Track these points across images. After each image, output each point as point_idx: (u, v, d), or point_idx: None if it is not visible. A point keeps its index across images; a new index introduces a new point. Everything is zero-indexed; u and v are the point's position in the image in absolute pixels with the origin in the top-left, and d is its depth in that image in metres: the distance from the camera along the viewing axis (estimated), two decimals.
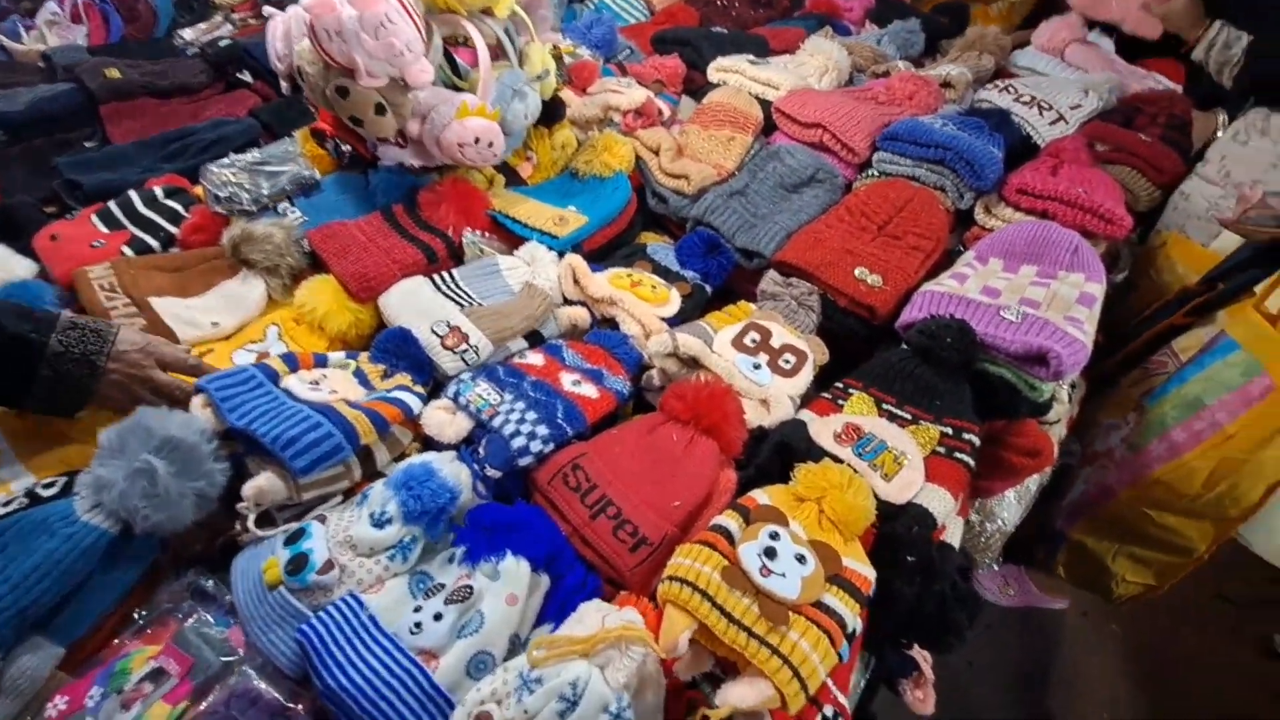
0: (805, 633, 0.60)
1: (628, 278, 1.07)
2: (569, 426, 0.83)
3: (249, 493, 0.73)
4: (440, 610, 0.65)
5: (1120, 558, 1.24)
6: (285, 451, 0.72)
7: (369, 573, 0.69)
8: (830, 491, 0.71)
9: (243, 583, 0.69)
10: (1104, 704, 1.65)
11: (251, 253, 1.03)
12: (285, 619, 0.66)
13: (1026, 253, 1.10)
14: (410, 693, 0.60)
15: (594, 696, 0.55)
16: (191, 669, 0.65)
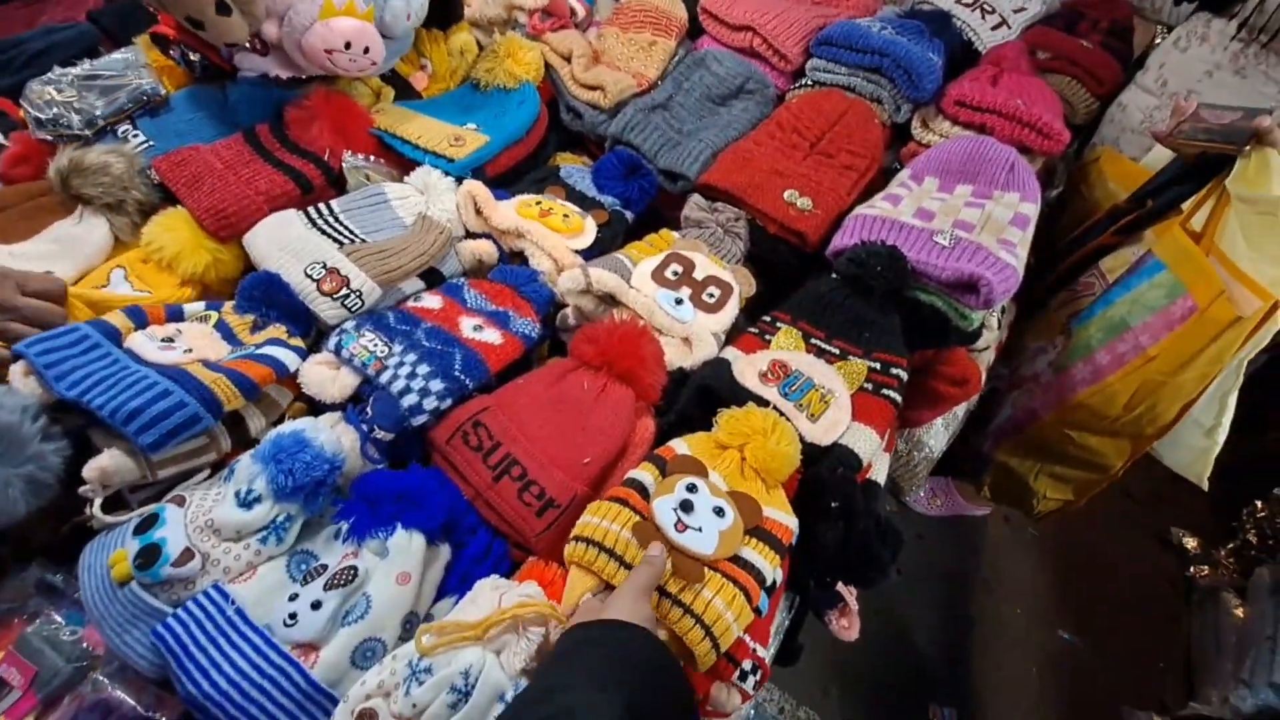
0: (720, 590, 0.58)
1: (536, 205, 0.96)
2: (468, 379, 0.75)
3: (90, 475, 0.63)
4: (319, 598, 0.58)
5: (1042, 476, 1.28)
6: (128, 426, 0.62)
7: (237, 559, 0.61)
8: (753, 438, 0.68)
9: (90, 579, 0.60)
10: (1021, 600, 1.77)
11: (84, 187, 0.87)
12: (140, 617, 0.58)
13: (962, 171, 1.04)
14: (284, 693, 0.54)
15: (488, 685, 0.50)
16: (35, 679, 0.57)
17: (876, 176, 1.10)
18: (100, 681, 0.57)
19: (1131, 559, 1.92)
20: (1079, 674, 1.65)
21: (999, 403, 1.33)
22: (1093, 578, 1.85)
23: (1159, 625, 1.78)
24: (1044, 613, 1.76)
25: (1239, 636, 1.54)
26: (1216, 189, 1.03)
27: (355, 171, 0.96)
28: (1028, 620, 1.74)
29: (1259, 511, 1.82)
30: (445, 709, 0.50)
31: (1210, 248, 1.01)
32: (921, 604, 1.70)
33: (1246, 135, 1.01)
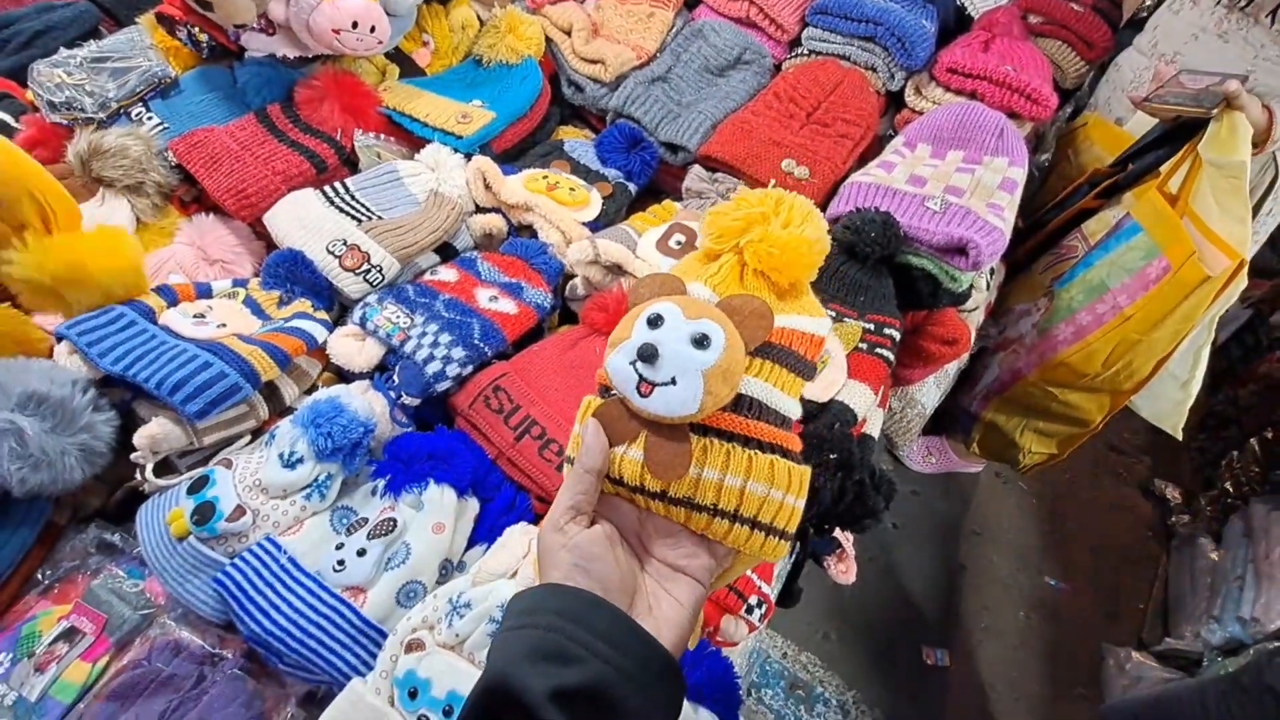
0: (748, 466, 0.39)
1: (543, 180, 1.00)
2: (487, 346, 0.80)
3: (141, 442, 0.68)
4: (364, 546, 0.64)
5: (1027, 432, 1.34)
6: (174, 396, 0.66)
7: (285, 514, 0.66)
8: (751, 228, 0.43)
9: (149, 535, 0.66)
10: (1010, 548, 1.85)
11: (105, 170, 0.89)
12: (200, 568, 0.64)
13: (954, 137, 1.08)
14: (340, 629, 0.59)
15: None
16: (106, 625, 0.63)
17: (872, 144, 1.13)
18: (168, 624, 0.63)
19: (1116, 509, 2.01)
20: (1064, 616, 1.75)
21: (984, 363, 1.38)
22: (1079, 527, 1.93)
23: (1140, 570, 1.87)
24: (1032, 560, 1.85)
25: (1212, 577, 1.63)
26: (1191, 153, 1.07)
27: (367, 150, 0.99)
28: (1016, 567, 1.83)
29: (1235, 462, 1.90)
30: (484, 637, 0.55)
31: (1185, 209, 1.05)
32: (916, 554, 1.79)
33: (1217, 99, 1.04)
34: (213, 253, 0.90)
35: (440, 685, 0.53)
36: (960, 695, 1.59)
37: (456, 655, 0.55)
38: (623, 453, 0.41)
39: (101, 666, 0.61)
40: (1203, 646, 1.47)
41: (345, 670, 0.58)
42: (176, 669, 0.60)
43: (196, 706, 0.58)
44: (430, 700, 0.53)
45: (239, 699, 0.59)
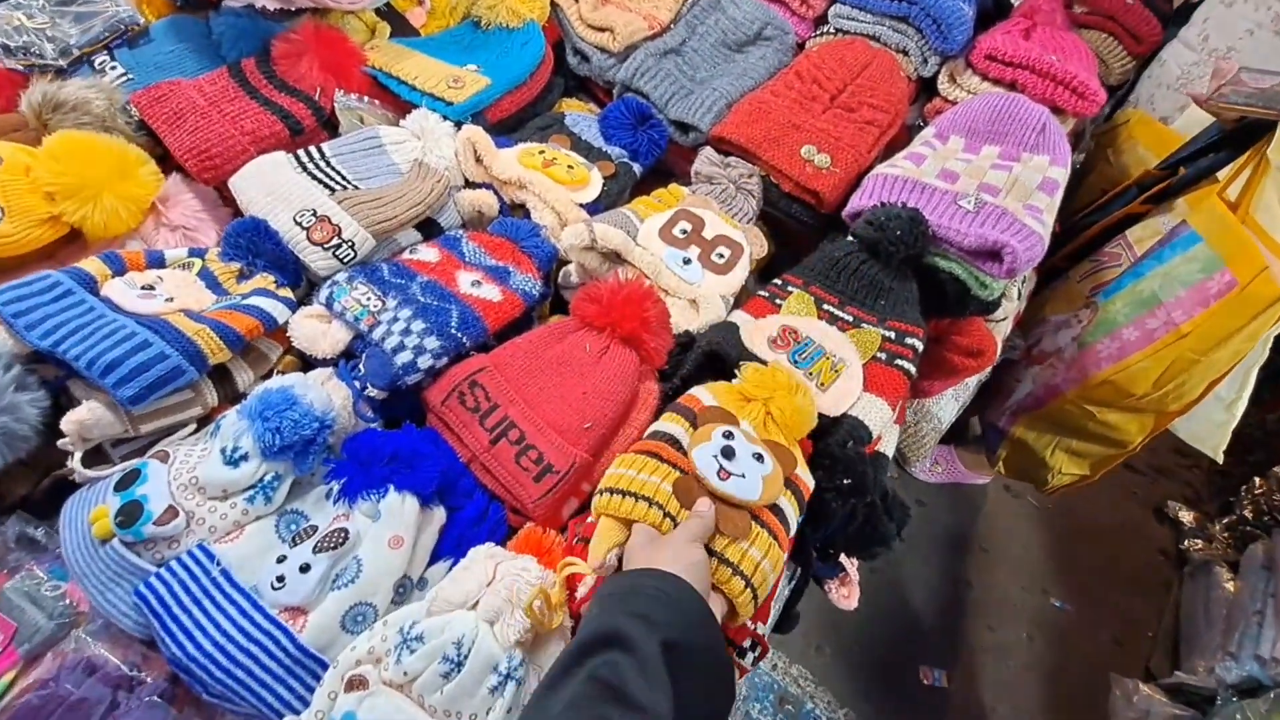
0: (766, 551, 0.55)
1: (540, 155, 0.91)
2: (465, 337, 0.72)
3: (69, 428, 0.60)
4: (308, 560, 0.56)
5: (1058, 451, 1.26)
6: (107, 378, 0.59)
7: (223, 518, 0.59)
8: (778, 393, 0.65)
9: (71, 535, 0.58)
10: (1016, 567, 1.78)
11: (63, 124, 0.81)
12: (123, 575, 0.56)
13: (990, 130, 0.99)
14: (273, 657, 0.52)
15: (481, 655, 0.49)
16: (15, 635, 0.56)
17: (899, 133, 1.05)
18: (83, 639, 0.55)
19: (1127, 531, 1.93)
20: (1069, 641, 1.67)
21: (1016, 376, 1.29)
22: (1088, 547, 1.85)
23: (1150, 596, 1.79)
24: (1038, 580, 1.77)
25: (1228, 610, 1.55)
26: (1255, 157, 0.98)
27: (348, 112, 0.90)
28: (1022, 586, 1.75)
29: (1257, 488, 1.81)
30: (437, 678, 0.48)
31: (1244, 218, 0.96)
32: (917, 568, 1.71)
33: None
34: (173, 218, 0.81)
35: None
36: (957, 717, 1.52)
37: (403, 697, 0.48)
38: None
39: (6, 682, 0.54)
40: (1216, 684, 1.39)
41: (277, 706, 0.51)
42: (87, 692, 0.52)
43: None
44: None
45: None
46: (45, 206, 0.75)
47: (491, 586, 0.52)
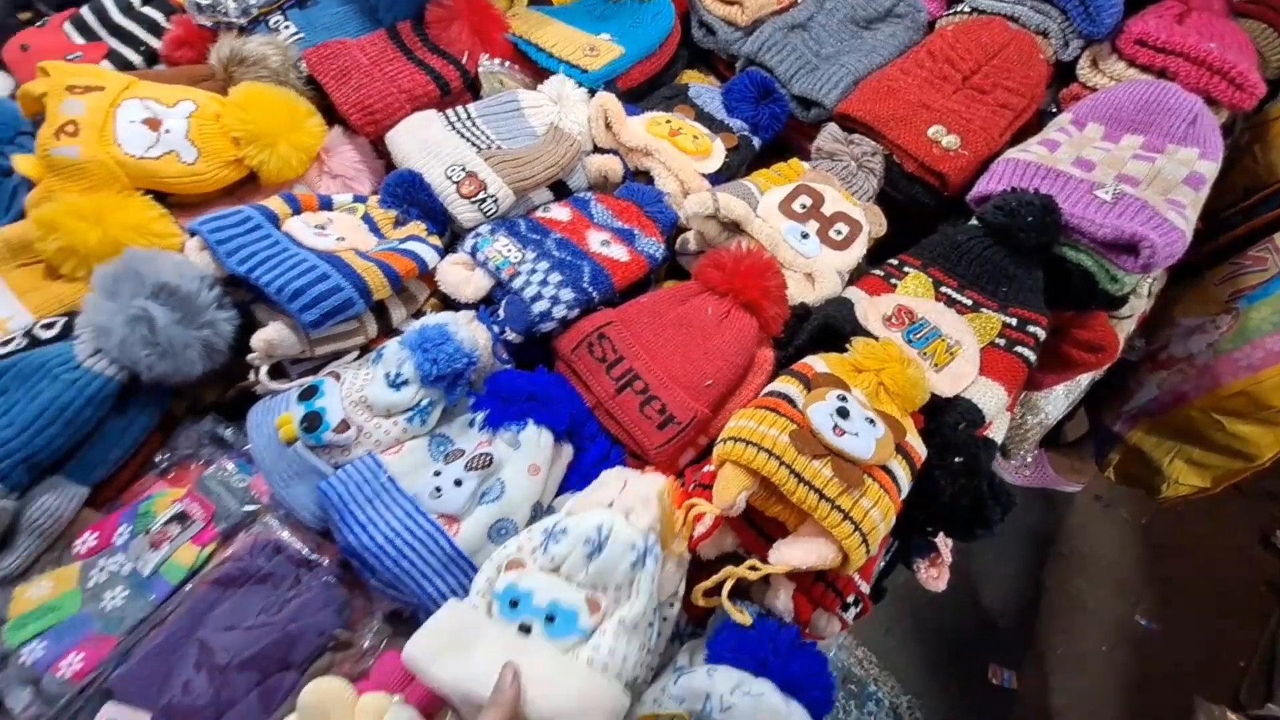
0: (877, 500, 0.57)
1: (666, 124, 0.94)
2: (595, 291, 0.77)
3: (258, 344, 0.69)
4: (460, 476, 0.63)
5: (1178, 461, 1.20)
6: (292, 304, 0.67)
7: (386, 434, 0.66)
8: (890, 364, 0.66)
9: (259, 436, 0.67)
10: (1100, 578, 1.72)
11: (245, 76, 0.90)
12: (304, 474, 0.65)
13: (1134, 119, 0.95)
14: (432, 554, 0.59)
15: (619, 538, 0.54)
16: (214, 515, 0.65)
17: (1032, 119, 1.01)
18: (270, 524, 0.64)
19: (1228, 555, 1.82)
20: (1151, 659, 1.61)
21: (1138, 380, 1.24)
22: (1182, 567, 1.76)
23: (1246, 625, 1.70)
24: (1123, 594, 1.71)
25: None
26: None
27: (490, 76, 0.96)
28: (1105, 599, 1.69)
29: None
30: (582, 559, 0.54)
31: None
32: (996, 565, 1.68)
33: None
34: (335, 167, 0.90)
35: (543, 595, 0.53)
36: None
37: (554, 576, 0.54)
38: (808, 463, 0.57)
39: (208, 553, 0.64)
40: None
41: (434, 595, 0.58)
42: (275, 568, 0.61)
43: (290, 604, 0.59)
44: (533, 609, 0.53)
45: (330, 605, 0.60)
46: (231, 150, 0.84)
47: (624, 491, 0.58)
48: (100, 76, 0.83)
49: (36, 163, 0.78)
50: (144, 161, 0.79)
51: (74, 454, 0.66)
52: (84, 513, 0.67)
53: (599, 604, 0.53)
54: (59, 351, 0.65)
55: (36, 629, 0.59)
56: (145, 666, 0.57)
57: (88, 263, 0.73)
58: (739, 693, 0.54)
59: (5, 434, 0.61)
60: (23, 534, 0.63)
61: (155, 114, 0.82)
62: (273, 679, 0.57)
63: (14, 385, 0.63)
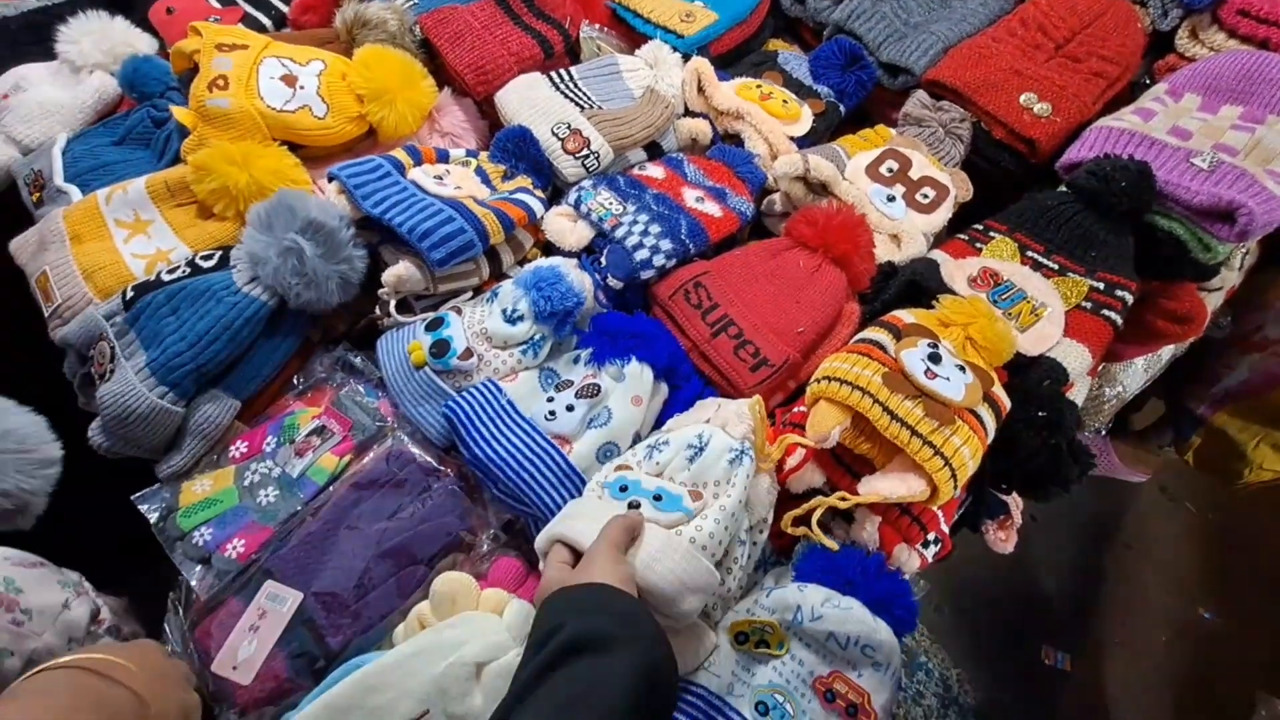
0: (966, 439, 0.60)
1: (757, 89, 0.98)
2: (691, 243, 0.81)
3: (389, 279, 0.76)
4: (572, 402, 0.69)
5: (1264, 445, 1.17)
6: (422, 243, 0.74)
7: (503, 364, 0.72)
8: (978, 319, 0.69)
9: (389, 361, 0.74)
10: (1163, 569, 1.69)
11: (367, 39, 0.97)
12: (431, 396, 0.72)
13: (1233, 89, 0.93)
14: (549, 468, 0.65)
15: (718, 443, 0.60)
16: (351, 429, 0.73)
17: (1124, 90, 1.01)
18: (400, 438, 0.72)
19: None
20: (1212, 653, 1.59)
21: (1227, 362, 1.21)
22: (1250, 563, 1.72)
23: None
24: (1186, 588, 1.67)
25: None
26: None
27: (589, 41, 1.01)
28: (1166, 591, 1.67)
29: None
30: (684, 461, 0.60)
31: None
32: (1055, 549, 1.67)
33: None
34: (444, 125, 0.96)
35: (648, 484, 0.59)
36: (1075, 703, 1.50)
37: (659, 478, 0.60)
38: (901, 401, 0.60)
39: (346, 462, 0.71)
40: None
41: (550, 505, 0.64)
42: (407, 475, 0.68)
43: (422, 508, 0.66)
44: (640, 491, 0.59)
45: (455, 510, 0.67)
46: (356, 106, 0.91)
47: (719, 411, 0.63)
48: (244, 36, 0.91)
49: (191, 113, 0.87)
50: (282, 114, 0.86)
51: (229, 371, 0.74)
52: (235, 424, 0.76)
53: (700, 494, 0.59)
54: (221, 278, 0.73)
55: (204, 517, 0.68)
56: (299, 552, 0.64)
57: (236, 203, 0.81)
58: (828, 605, 0.59)
59: (179, 346, 0.70)
60: (188, 437, 0.72)
61: (291, 71, 0.89)
62: (405, 571, 0.64)
63: (184, 306, 0.72)
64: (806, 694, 0.57)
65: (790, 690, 0.57)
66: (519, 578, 0.66)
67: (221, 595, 0.64)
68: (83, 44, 1.00)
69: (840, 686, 0.57)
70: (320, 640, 0.61)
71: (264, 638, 0.61)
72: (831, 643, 0.58)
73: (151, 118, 0.94)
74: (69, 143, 0.94)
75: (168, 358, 0.69)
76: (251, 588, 0.63)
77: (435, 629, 0.59)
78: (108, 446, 0.72)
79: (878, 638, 0.56)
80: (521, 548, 0.69)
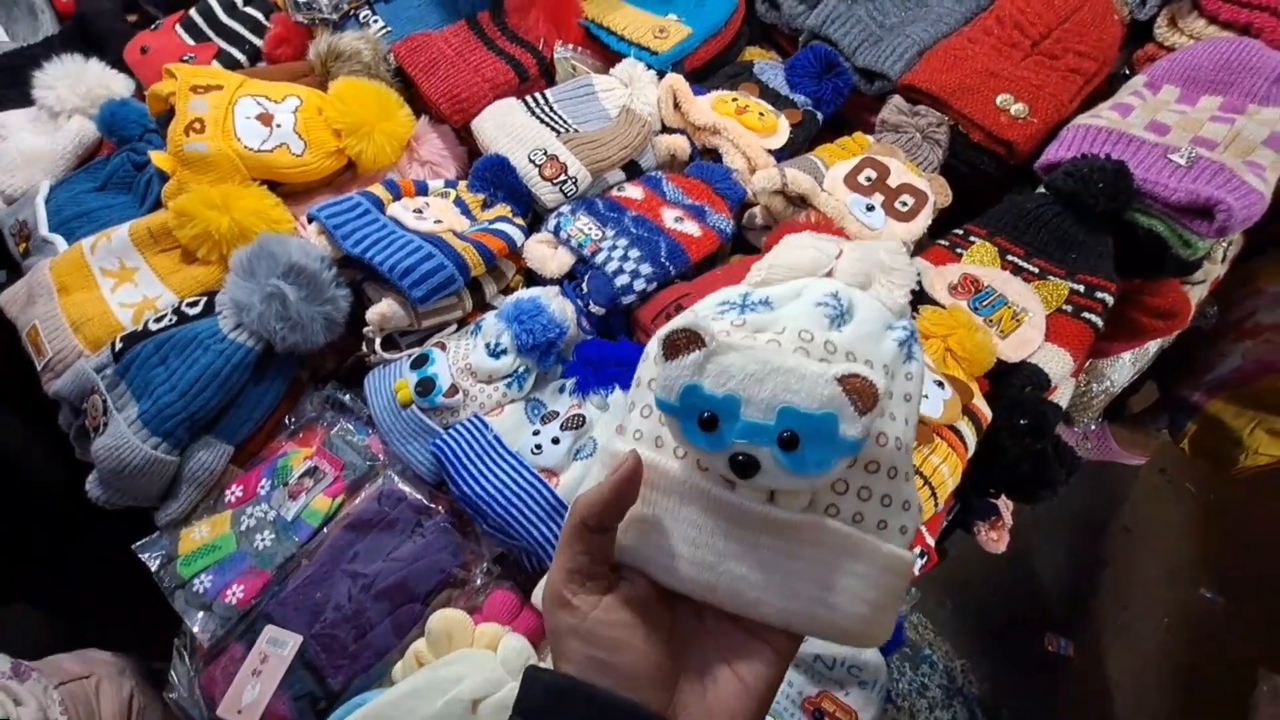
0: (945, 457, 0.61)
1: (733, 102, 0.98)
2: (672, 265, 0.82)
3: (373, 318, 0.77)
4: (557, 435, 0.69)
5: (1259, 430, 1.18)
6: (403, 280, 0.74)
7: (489, 398, 0.73)
8: (957, 330, 0.70)
9: (377, 400, 0.75)
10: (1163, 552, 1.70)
11: (341, 71, 0.98)
12: (419, 434, 0.73)
13: (1213, 79, 0.93)
14: (537, 502, 0.66)
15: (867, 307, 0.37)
16: (343, 469, 0.74)
17: (1102, 84, 1.00)
18: (390, 477, 0.73)
19: None
20: (1214, 634, 1.60)
21: (1221, 350, 1.21)
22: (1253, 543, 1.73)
23: None
24: (1187, 570, 1.68)
25: None
26: None
27: (564, 62, 1.01)
28: (1167, 574, 1.68)
29: None
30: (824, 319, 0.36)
31: None
32: (1054, 538, 1.69)
33: None
34: (424, 154, 0.97)
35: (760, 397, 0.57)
36: (1079, 688, 1.52)
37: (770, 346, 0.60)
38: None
39: (339, 503, 0.73)
40: None
41: (539, 540, 0.65)
42: (399, 514, 0.69)
43: (414, 546, 0.68)
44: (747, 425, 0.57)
45: (448, 548, 0.68)
46: (333, 141, 0.91)
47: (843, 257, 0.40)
48: (217, 76, 0.91)
49: (170, 158, 0.87)
50: (260, 154, 0.87)
51: (221, 416, 0.75)
52: (230, 469, 0.77)
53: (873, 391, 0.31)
54: (207, 325, 0.74)
55: (203, 564, 0.69)
56: (297, 596, 0.66)
57: (219, 247, 0.82)
58: None
59: (169, 396, 0.71)
60: (184, 484, 0.73)
61: (266, 109, 0.90)
62: (402, 609, 0.66)
63: (172, 355, 0.73)
64: (796, 714, 0.59)
65: (780, 711, 0.59)
66: (514, 610, 0.67)
67: (223, 641, 0.65)
68: (59, 89, 1.00)
69: (828, 706, 0.58)
70: (321, 681, 0.63)
71: (266, 681, 0.62)
72: (819, 664, 0.59)
73: (132, 161, 0.95)
74: (51, 190, 0.94)
75: (159, 408, 0.71)
76: (252, 633, 0.65)
77: (432, 666, 0.60)
78: (105, 499, 0.73)
79: (863, 658, 0.57)
80: (515, 579, 0.70)
